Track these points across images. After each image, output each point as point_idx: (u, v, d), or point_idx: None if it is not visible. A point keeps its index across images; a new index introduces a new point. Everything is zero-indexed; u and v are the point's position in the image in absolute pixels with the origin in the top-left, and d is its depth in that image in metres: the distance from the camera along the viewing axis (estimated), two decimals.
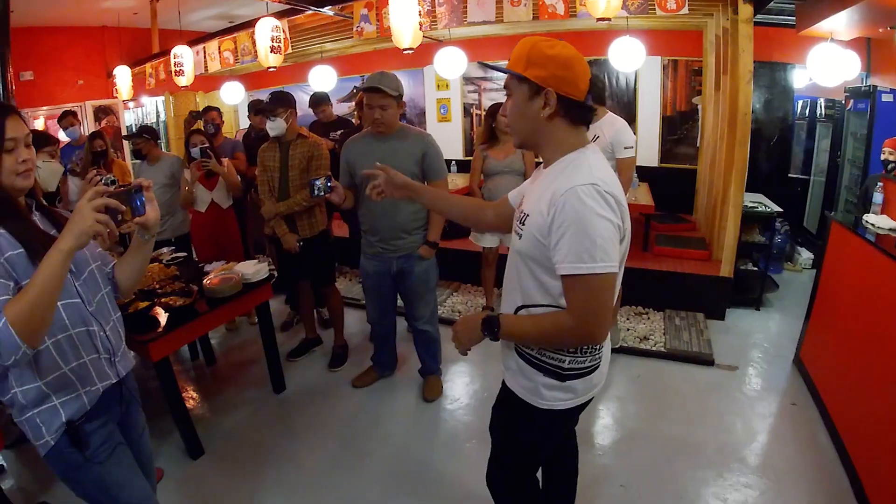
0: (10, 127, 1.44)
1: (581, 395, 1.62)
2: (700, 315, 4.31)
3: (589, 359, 1.56)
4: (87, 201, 1.32)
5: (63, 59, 7.65)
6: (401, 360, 3.90)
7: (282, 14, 5.09)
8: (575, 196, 1.34)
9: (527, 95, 1.46)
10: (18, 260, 1.40)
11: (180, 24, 7.08)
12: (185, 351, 4.33)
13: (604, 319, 1.41)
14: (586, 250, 1.33)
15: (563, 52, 1.42)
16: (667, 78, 5.95)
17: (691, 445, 2.93)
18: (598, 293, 1.37)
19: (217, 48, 6.15)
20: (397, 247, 3.20)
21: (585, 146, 1.50)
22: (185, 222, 4.52)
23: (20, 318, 1.25)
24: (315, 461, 3.06)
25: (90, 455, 1.60)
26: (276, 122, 3.52)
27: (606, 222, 1.34)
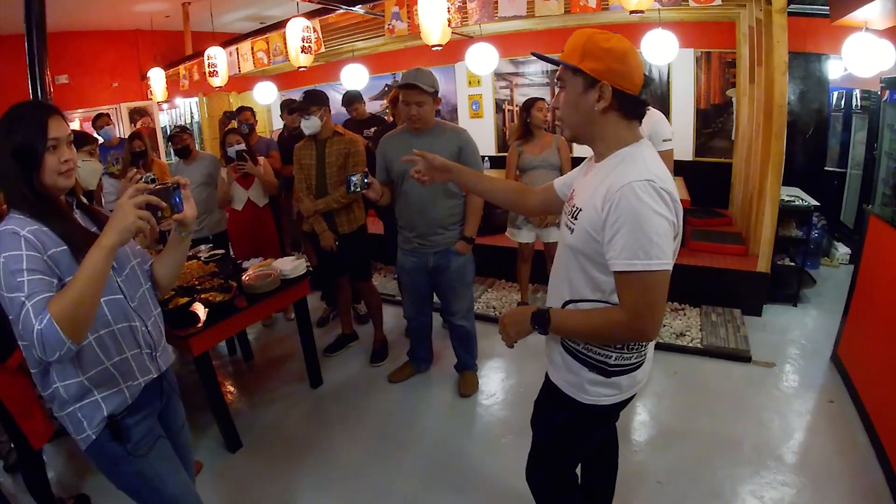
0: (52, 127, 1.47)
1: (625, 392, 1.61)
2: (737, 311, 4.26)
3: (635, 355, 1.57)
4: (129, 198, 1.36)
5: (97, 63, 7.78)
6: (436, 355, 3.92)
7: (312, 14, 5.12)
8: (631, 192, 1.34)
9: (581, 88, 1.45)
10: (62, 257, 1.44)
11: (213, 26, 7.18)
12: (222, 347, 4.42)
13: (657, 316, 1.40)
14: (642, 247, 1.32)
15: (618, 45, 1.41)
16: (700, 70, 5.86)
17: (728, 442, 2.91)
18: (652, 290, 1.36)
19: (250, 49, 6.21)
20: (434, 242, 3.21)
21: (639, 141, 1.49)
22: (223, 220, 4.60)
23: (65, 315, 1.28)
24: (351, 455, 3.09)
25: (131, 448, 1.63)
26: (310, 121, 3.57)
27: (662, 219, 1.34)
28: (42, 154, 1.46)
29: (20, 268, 1.33)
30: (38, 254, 1.38)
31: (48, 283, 1.36)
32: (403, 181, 3.15)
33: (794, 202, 4.51)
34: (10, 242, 1.36)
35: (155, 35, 8.07)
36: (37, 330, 1.26)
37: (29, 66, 3.75)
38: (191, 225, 1.64)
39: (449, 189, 3.14)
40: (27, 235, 1.38)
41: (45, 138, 1.46)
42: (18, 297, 1.30)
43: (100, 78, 7.85)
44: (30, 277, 1.33)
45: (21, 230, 1.39)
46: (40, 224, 1.44)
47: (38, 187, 1.48)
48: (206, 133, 8.87)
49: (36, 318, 1.27)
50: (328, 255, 3.81)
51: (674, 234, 1.40)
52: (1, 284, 1.33)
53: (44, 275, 1.37)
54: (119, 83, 8.04)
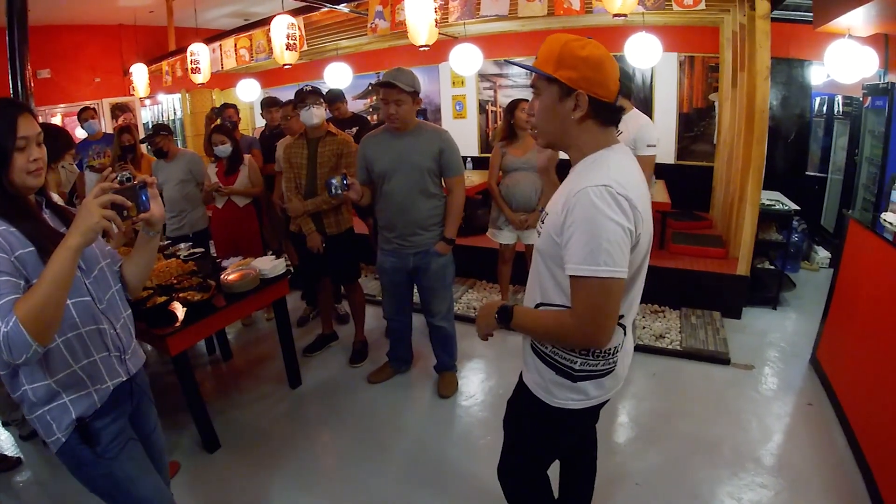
0: (22, 125, 1.44)
1: (593, 399, 1.60)
2: (716, 314, 4.29)
3: (602, 362, 1.55)
4: (93, 198, 1.34)
5: (80, 57, 7.75)
6: (416, 355, 3.91)
7: (297, 11, 5.12)
8: (586, 197, 1.33)
9: (556, 97, 1.43)
10: (29, 258, 1.41)
11: (196, 22, 7.14)
12: (201, 346, 4.37)
13: (604, 324, 1.38)
14: (591, 252, 1.31)
15: (594, 52, 1.39)
16: (683, 74, 5.92)
17: (707, 444, 2.92)
18: (599, 296, 1.35)
19: (233, 46, 6.16)
20: (414, 243, 3.20)
21: (611, 146, 1.48)
22: (203, 218, 4.56)
23: (30, 316, 1.26)
24: (330, 456, 3.09)
25: (101, 451, 1.61)
26: (318, 111, 3.55)
27: (615, 226, 1.32)
28: (11, 152, 1.43)
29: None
30: (4, 255, 1.35)
31: (15, 285, 1.33)
32: (384, 181, 3.14)
33: (774, 206, 4.55)
34: None
35: (138, 30, 8.05)
36: (3, 332, 1.23)
37: (9, 60, 3.71)
38: (158, 224, 1.61)
39: (429, 190, 3.13)
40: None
41: (14, 137, 1.42)
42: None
43: (82, 73, 7.82)
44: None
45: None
46: (7, 224, 1.41)
47: (6, 186, 1.44)
48: (189, 130, 8.82)
49: (2, 320, 1.25)
50: (313, 256, 3.77)
51: (632, 242, 1.38)
52: None
53: (10, 276, 1.33)
54: (101, 78, 8.00)
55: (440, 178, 3.17)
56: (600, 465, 2.17)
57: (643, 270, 1.52)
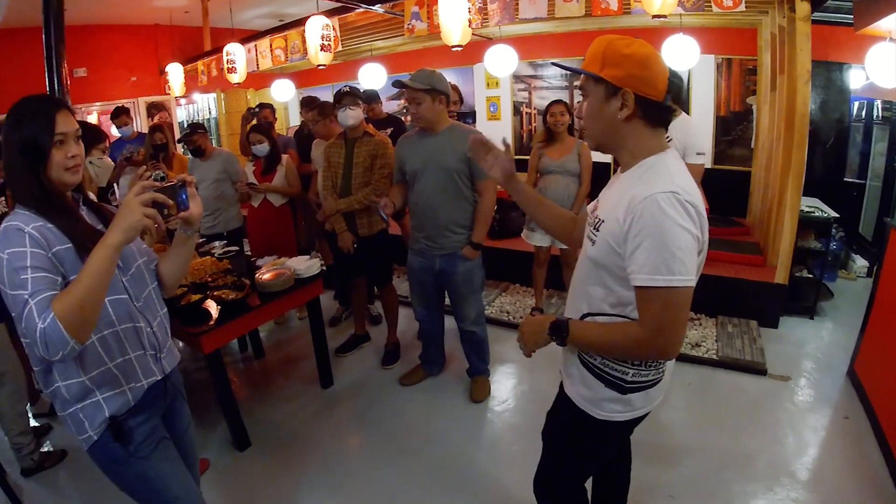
0: (60, 122, 1.45)
1: (638, 409, 1.58)
2: (753, 322, 4.20)
3: (653, 372, 1.53)
4: (135, 196, 1.34)
5: (116, 57, 7.87)
6: (449, 359, 3.90)
7: (332, 12, 5.13)
8: (654, 204, 1.29)
9: (603, 96, 1.41)
10: (66, 255, 1.41)
11: (232, 23, 7.21)
12: (233, 344, 4.42)
13: (677, 335, 1.35)
14: (664, 262, 1.28)
15: (640, 50, 1.37)
16: (721, 77, 5.81)
17: (742, 457, 2.87)
18: (673, 307, 1.32)
19: (268, 46, 6.22)
20: (441, 245, 3.19)
21: (665, 150, 1.45)
22: (237, 217, 4.62)
23: (68, 313, 1.25)
24: (360, 457, 3.10)
25: (133, 450, 1.61)
26: (354, 112, 3.56)
27: (686, 233, 1.29)
28: (49, 149, 1.44)
29: (24, 265, 1.31)
30: (42, 251, 1.36)
31: (52, 282, 1.34)
32: (416, 181, 3.14)
33: (813, 213, 4.45)
34: (15, 239, 1.34)
35: (174, 30, 8.14)
36: (40, 328, 1.24)
37: (46, 59, 3.76)
38: (196, 223, 1.62)
39: (458, 191, 3.11)
40: (32, 232, 1.36)
41: (52, 133, 1.44)
42: (21, 295, 1.28)
43: (118, 72, 7.93)
44: (33, 275, 1.31)
45: (26, 227, 1.36)
46: (44, 220, 1.42)
47: (44, 182, 1.46)
48: (224, 129, 8.92)
49: (39, 316, 1.25)
50: (346, 256, 3.79)
51: (698, 249, 1.35)
52: (4, 281, 1.31)
53: (48, 272, 1.34)
54: (137, 77, 8.12)
55: (471, 180, 3.13)
56: (634, 475, 2.15)
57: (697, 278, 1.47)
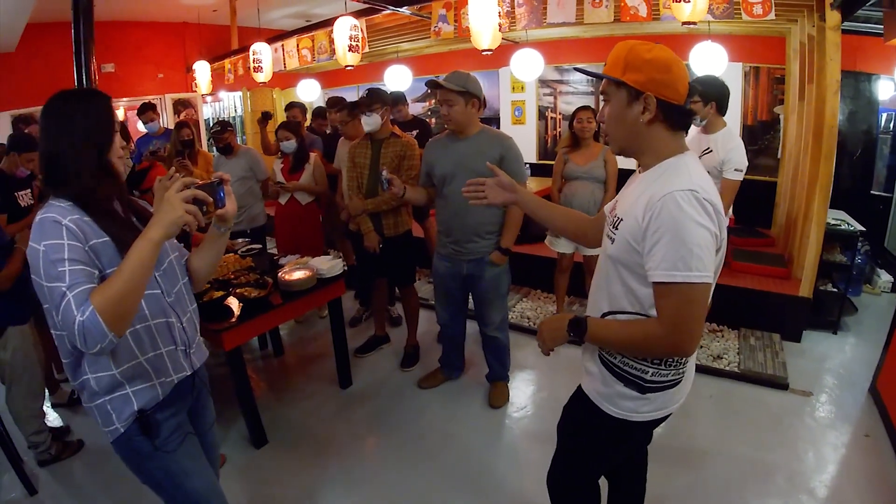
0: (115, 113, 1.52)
1: (659, 410, 1.58)
2: (776, 336, 4.14)
3: (672, 372, 1.53)
4: (176, 192, 1.36)
5: (144, 53, 7.96)
6: (468, 363, 3.88)
7: (360, 13, 5.16)
8: (673, 201, 1.31)
9: (625, 101, 1.44)
10: (103, 248, 1.42)
11: (259, 22, 7.27)
12: (253, 340, 4.44)
13: (695, 332, 1.36)
14: (682, 258, 1.30)
15: (661, 55, 1.40)
16: (748, 85, 5.75)
17: (761, 471, 2.84)
18: (690, 303, 1.33)
19: (295, 46, 6.26)
20: (469, 250, 3.18)
21: (685, 152, 1.47)
22: (261, 214, 4.68)
23: (109, 307, 1.26)
24: (376, 458, 3.10)
25: (160, 444, 1.61)
26: (371, 118, 3.57)
27: (704, 230, 1.31)
28: (113, 136, 1.49)
29: (61, 257, 1.31)
30: (79, 244, 1.36)
31: (90, 275, 1.34)
32: (445, 185, 3.13)
33: (839, 226, 4.39)
34: (52, 231, 1.34)
35: (201, 28, 8.22)
36: (78, 322, 1.24)
37: (75, 54, 3.79)
38: (231, 221, 1.63)
39: None
40: (69, 224, 1.36)
41: (114, 122, 1.50)
42: (59, 287, 1.28)
43: (146, 68, 8.02)
44: (71, 268, 1.31)
45: (63, 219, 1.37)
46: (82, 213, 1.42)
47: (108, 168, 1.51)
48: (249, 127, 9.00)
49: (77, 309, 1.25)
50: (370, 256, 3.79)
51: (716, 247, 1.36)
52: (40, 273, 1.32)
53: (85, 265, 1.34)
54: (164, 74, 8.20)
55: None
56: (652, 486, 2.14)
57: (716, 278, 1.48)
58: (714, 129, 3.40)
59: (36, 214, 1.40)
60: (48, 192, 1.46)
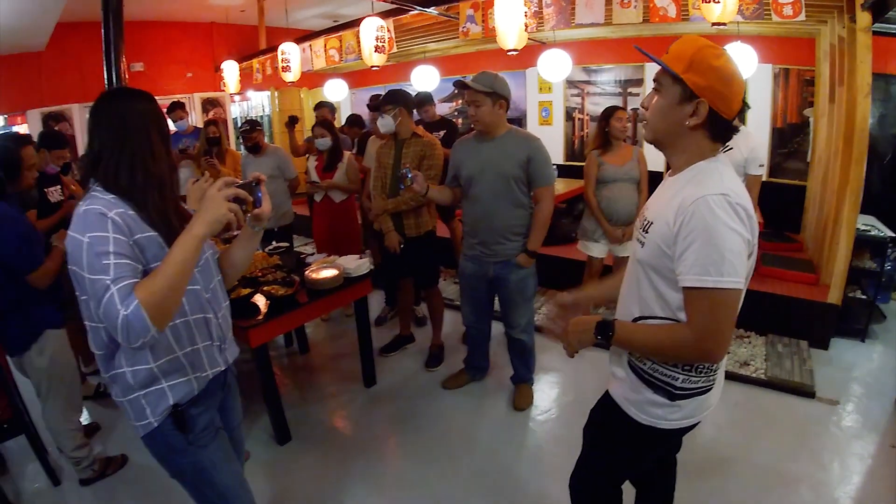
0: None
1: (688, 418, 1.56)
2: (803, 343, 4.08)
3: (703, 379, 1.51)
4: (218, 191, 1.39)
5: (173, 52, 8.06)
6: (493, 364, 3.86)
7: (387, 14, 5.17)
8: (705, 206, 1.31)
9: (677, 98, 1.41)
10: (148, 243, 1.45)
11: (287, 22, 7.33)
12: (279, 338, 4.49)
13: (724, 337, 1.36)
14: (713, 263, 1.29)
15: (728, 66, 1.37)
16: (777, 87, 5.66)
17: (784, 481, 2.79)
18: (721, 309, 1.32)
19: (323, 46, 6.31)
20: (495, 251, 3.17)
21: (716, 156, 1.45)
22: (289, 213, 4.76)
23: (153, 301, 1.28)
24: (398, 458, 3.13)
25: (193, 439, 1.63)
26: (384, 120, 3.60)
27: (736, 235, 1.30)
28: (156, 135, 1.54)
29: (106, 250, 1.32)
30: (124, 237, 1.38)
31: (134, 269, 1.35)
32: (471, 186, 3.13)
33: (869, 231, 4.30)
34: (97, 223, 1.36)
35: (230, 28, 8.32)
36: (122, 316, 1.25)
37: (105, 54, 3.87)
38: (266, 220, 1.66)
39: (515, 198, 3.09)
40: (114, 218, 1.38)
41: (160, 120, 1.57)
42: (102, 281, 1.29)
43: (175, 67, 8.12)
44: (116, 261, 1.32)
45: (109, 212, 1.38)
46: (127, 207, 1.44)
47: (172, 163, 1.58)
48: (277, 127, 9.06)
49: (122, 303, 1.26)
50: (393, 256, 3.82)
51: (748, 252, 1.35)
52: (82, 264, 1.32)
53: (130, 260, 1.36)
54: (193, 73, 8.30)
55: (528, 186, 3.10)
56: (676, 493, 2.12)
57: (747, 283, 1.46)
58: None
59: (76, 206, 1.43)
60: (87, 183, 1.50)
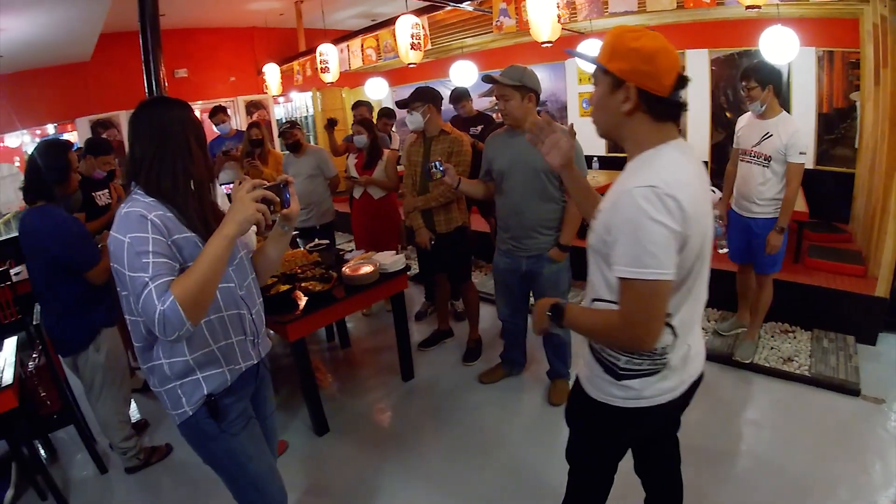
0: None
1: (641, 399, 1.56)
2: (850, 338, 3.88)
3: (647, 363, 1.52)
4: (247, 192, 1.46)
5: (216, 58, 8.32)
6: (530, 359, 3.85)
7: (421, 11, 5.23)
8: (630, 198, 1.33)
9: (609, 88, 1.43)
10: (186, 243, 1.54)
11: (324, 24, 7.45)
12: (321, 332, 4.62)
13: (651, 326, 1.38)
14: (636, 255, 1.32)
15: (648, 44, 1.36)
16: (822, 71, 5.44)
17: (823, 482, 2.67)
18: (644, 299, 1.35)
19: (360, 46, 6.39)
20: (528, 246, 3.17)
21: (668, 142, 1.45)
22: (330, 211, 4.86)
23: (188, 297, 1.37)
24: (434, 451, 3.14)
25: (225, 427, 1.71)
26: (413, 117, 3.65)
27: (660, 227, 1.31)
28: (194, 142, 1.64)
29: (146, 249, 1.42)
30: (162, 238, 1.47)
31: (171, 267, 1.45)
32: (503, 180, 3.14)
33: None
34: (137, 224, 1.45)
35: (270, 32, 8.52)
36: (159, 310, 1.34)
37: (144, 62, 4.03)
38: (294, 220, 1.73)
39: (546, 192, 3.08)
40: (154, 219, 1.47)
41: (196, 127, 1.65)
42: (142, 278, 1.39)
43: (218, 72, 8.38)
44: (154, 260, 1.41)
45: (149, 214, 1.47)
46: (165, 210, 1.53)
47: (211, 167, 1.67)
48: (320, 126, 9.22)
49: (159, 299, 1.35)
50: (425, 252, 3.87)
51: (680, 243, 1.35)
52: (123, 262, 1.42)
53: (168, 259, 1.45)
54: (236, 77, 8.54)
55: (559, 179, 3.06)
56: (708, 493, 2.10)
57: (701, 273, 1.49)
58: (772, 114, 3.31)
59: (119, 207, 1.53)
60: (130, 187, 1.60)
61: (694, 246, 1.40)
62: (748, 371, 3.62)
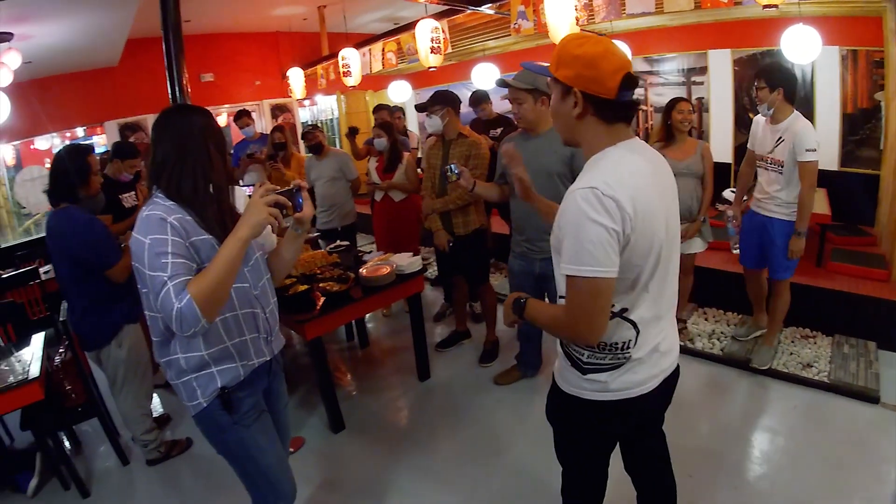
0: None
1: (612, 392, 1.58)
2: (871, 344, 3.79)
3: (609, 357, 1.56)
4: (260, 197, 1.54)
5: (241, 62, 8.47)
6: (546, 361, 3.84)
7: (440, 15, 5.26)
8: (573, 200, 1.40)
9: (560, 95, 1.50)
10: (203, 245, 1.61)
11: (346, 28, 7.54)
12: (341, 332, 4.68)
13: (591, 322, 1.42)
14: (576, 253, 1.38)
15: (589, 50, 1.41)
16: (846, 71, 5.32)
17: (837, 492, 2.62)
18: (583, 295, 1.41)
19: (381, 50, 6.45)
20: (540, 248, 3.18)
21: (616, 144, 1.50)
22: (351, 213, 4.95)
23: (203, 296, 1.45)
24: (448, 451, 3.17)
25: (238, 419, 1.78)
26: (431, 120, 3.69)
27: (598, 227, 1.36)
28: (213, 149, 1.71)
29: (165, 250, 1.50)
30: (181, 240, 1.55)
31: (188, 267, 1.53)
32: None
33: None
34: (157, 227, 1.53)
35: (294, 36, 8.66)
36: (177, 308, 1.42)
37: (167, 68, 4.12)
38: (307, 223, 1.80)
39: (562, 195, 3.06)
40: (173, 222, 1.55)
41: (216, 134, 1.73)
42: (160, 277, 1.47)
43: (243, 76, 8.53)
44: (173, 260, 1.49)
45: (168, 217, 1.55)
46: (184, 213, 1.60)
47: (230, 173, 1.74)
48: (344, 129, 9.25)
49: (176, 297, 1.43)
50: (443, 255, 3.91)
51: (621, 243, 1.39)
52: (144, 262, 1.50)
53: (185, 259, 1.53)
54: (261, 81, 8.68)
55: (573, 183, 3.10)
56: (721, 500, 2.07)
57: (659, 270, 1.50)
58: (783, 117, 3.27)
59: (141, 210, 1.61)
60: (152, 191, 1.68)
61: (642, 244, 1.43)
62: (766, 377, 3.58)
